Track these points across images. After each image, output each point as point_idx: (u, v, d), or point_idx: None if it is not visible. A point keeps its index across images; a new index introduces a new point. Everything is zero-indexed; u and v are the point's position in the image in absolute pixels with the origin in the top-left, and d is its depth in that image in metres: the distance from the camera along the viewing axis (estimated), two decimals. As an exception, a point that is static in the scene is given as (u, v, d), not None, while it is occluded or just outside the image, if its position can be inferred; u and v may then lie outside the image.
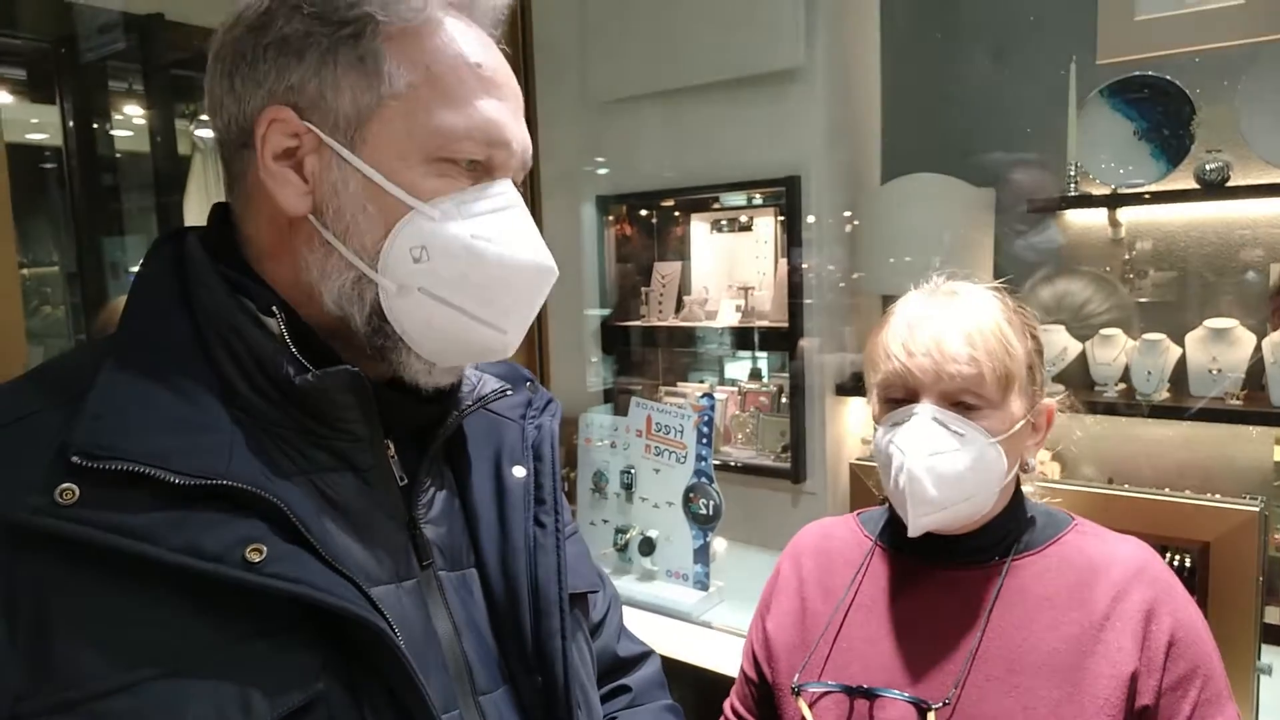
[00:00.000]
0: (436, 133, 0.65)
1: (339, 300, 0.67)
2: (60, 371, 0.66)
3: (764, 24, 2.25)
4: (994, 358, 0.94)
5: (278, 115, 0.65)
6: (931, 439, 0.94)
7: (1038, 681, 0.92)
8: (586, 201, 2.70)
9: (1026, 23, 2.32)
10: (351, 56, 0.64)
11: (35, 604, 0.56)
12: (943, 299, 1.00)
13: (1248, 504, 1.23)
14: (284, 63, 0.65)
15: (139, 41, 2.12)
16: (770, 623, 1.12)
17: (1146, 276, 2.24)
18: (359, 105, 0.65)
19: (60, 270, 2.33)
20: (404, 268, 0.66)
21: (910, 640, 0.99)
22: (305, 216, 0.66)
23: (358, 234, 0.66)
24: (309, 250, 0.67)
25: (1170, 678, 0.90)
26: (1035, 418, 1.00)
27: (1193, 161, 2.03)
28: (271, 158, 0.65)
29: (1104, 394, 2.16)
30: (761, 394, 2.60)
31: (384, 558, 0.69)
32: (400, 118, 0.65)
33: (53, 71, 2.11)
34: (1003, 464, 0.95)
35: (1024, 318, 1.01)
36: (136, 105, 2.27)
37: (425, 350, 0.69)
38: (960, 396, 0.94)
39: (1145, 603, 0.93)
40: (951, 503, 0.95)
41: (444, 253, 0.66)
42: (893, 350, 0.97)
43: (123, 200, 2.33)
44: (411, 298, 0.66)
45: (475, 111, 0.67)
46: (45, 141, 2.19)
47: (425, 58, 0.66)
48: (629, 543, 1.94)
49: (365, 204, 0.65)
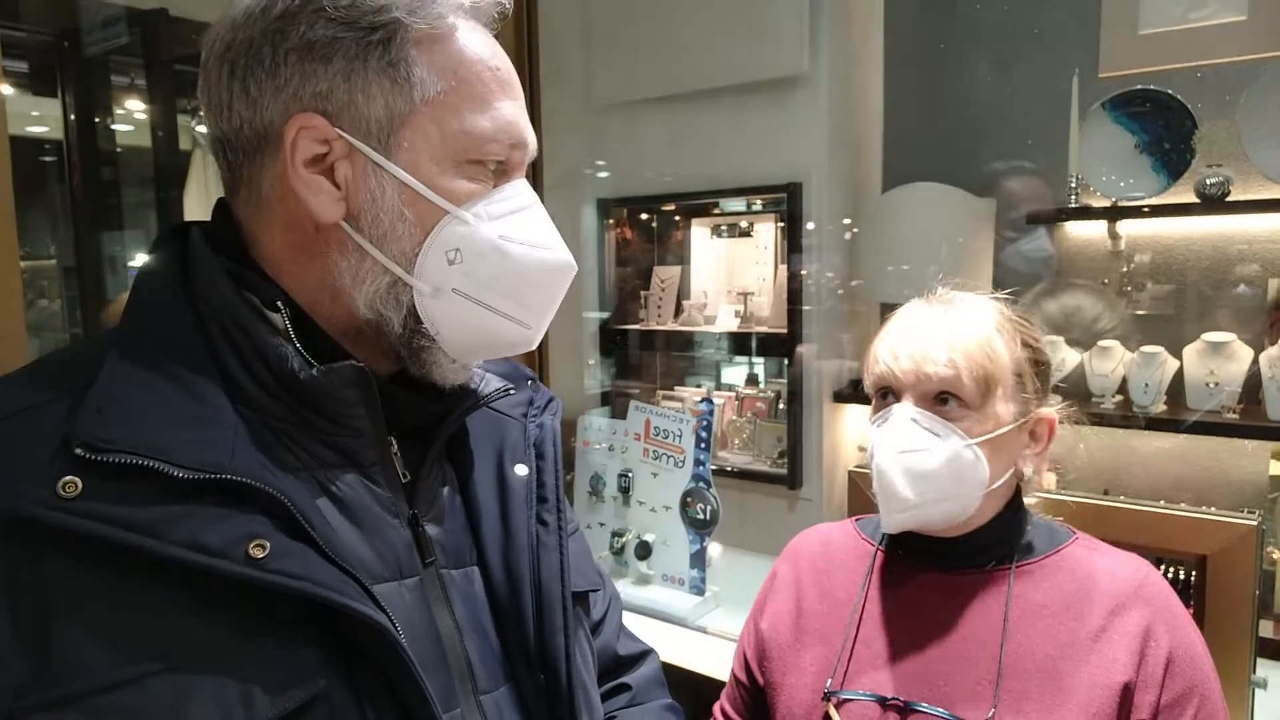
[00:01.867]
0: (466, 136, 0.66)
1: (373, 304, 0.68)
2: (63, 364, 0.66)
3: (768, 31, 2.26)
4: (971, 359, 0.96)
5: (307, 123, 0.64)
6: (905, 437, 0.96)
7: (1029, 686, 0.93)
8: (587, 204, 2.70)
9: (1030, 35, 2.32)
10: (382, 62, 0.64)
11: (37, 598, 0.56)
12: (939, 307, 1.02)
13: (1245, 518, 1.23)
14: (310, 68, 0.64)
15: (142, 36, 2.12)
16: (764, 623, 1.12)
17: (1145, 289, 2.25)
18: (392, 111, 0.65)
19: (57, 264, 2.32)
20: (439, 270, 0.67)
21: (928, 649, 1.00)
22: (337, 223, 0.66)
23: (395, 239, 0.66)
24: (340, 256, 0.67)
25: (1169, 695, 0.91)
26: (1033, 425, 1.01)
27: (1193, 176, 2.04)
28: (303, 165, 0.65)
29: (1101, 405, 2.16)
30: (759, 400, 2.61)
31: (386, 555, 0.69)
32: (433, 123, 0.66)
33: (55, 65, 2.11)
34: (983, 467, 0.96)
35: (1019, 326, 1.02)
36: (138, 100, 2.26)
37: (454, 348, 0.71)
38: (939, 395, 0.97)
39: (1144, 619, 0.93)
40: (927, 501, 0.96)
41: (476, 254, 0.67)
42: (881, 354, 1.01)
43: (122, 195, 2.32)
44: (445, 299, 0.68)
45: (499, 114, 0.68)
46: (46, 135, 2.18)
47: (452, 62, 0.66)
48: (625, 546, 1.93)
49: (403, 210, 0.66)
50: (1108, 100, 2.14)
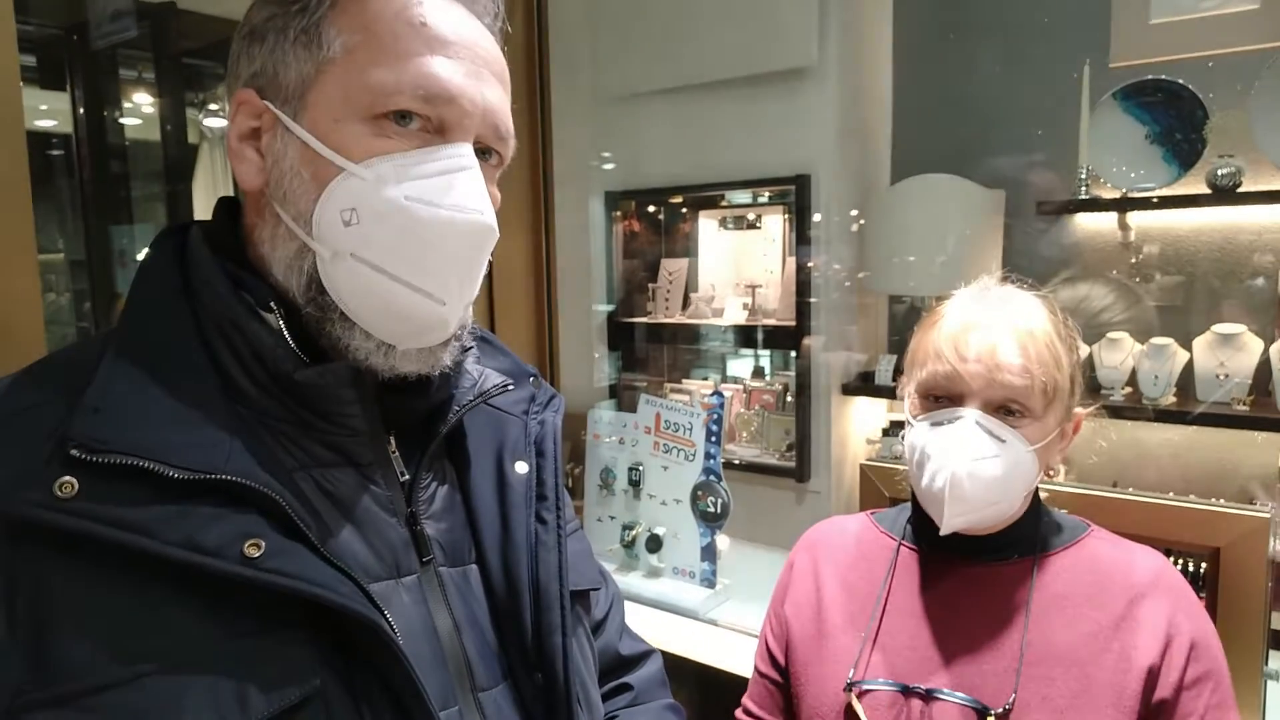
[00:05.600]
0: (368, 89, 0.64)
1: (284, 272, 0.66)
2: (61, 364, 0.65)
3: (776, 22, 2.25)
4: (1045, 369, 0.94)
5: (243, 98, 0.67)
6: (976, 444, 0.94)
7: (1053, 673, 0.94)
8: (595, 197, 2.70)
9: (1040, 25, 2.31)
10: (298, 30, 0.65)
11: (33, 598, 0.56)
12: (995, 303, 0.99)
13: (1258, 510, 1.23)
14: (252, 50, 0.67)
15: (150, 29, 2.12)
16: (788, 612, 1.12)
17: (1154, 280, 2.24)
18: (302, 75, 0.65)
19: (65, 257, 2.32)
20: (335, 231, 0.64)
21: (950, 639, 1.01)
22: (261, 191, 0.67)
23: (294, 199, 0.65)
24: (263, 224, 0.68)
25: (1190, 676, 0.93)
26: (1065, 426, 1.01)
27: (1204, 166, 2.03)
28: (236, 138, 0.67)
29: (1110, 397, 2.16)
30: (767, 392, 2.60)
31: (384, 553, 0.69)
32: (335, 81, 0.65)
33: (64, 58, 2.11)
34: (1035, 471, 0.97)
35: (1070, 330, 1.01)
36: (146, 93, 2.26)
37: (367, 323, 0.66)
38: (1005, 405, 0.95)
39: (1166, 608, 0.96)
40: (986, 505, 0.96)
41: (375, 215, 0.63)
42: (944, 351, 0.96)
43: (131, 188, 2.32)
44: (345, 263, 0.64)
45: (412, 66, 0.64)
46: (55, 129, 2.19)
47: (365, 19, 0.65)
48: (636, 539, 1.94)
49: (300, 169, 0.65)
50: (1118, 90, 2.13)
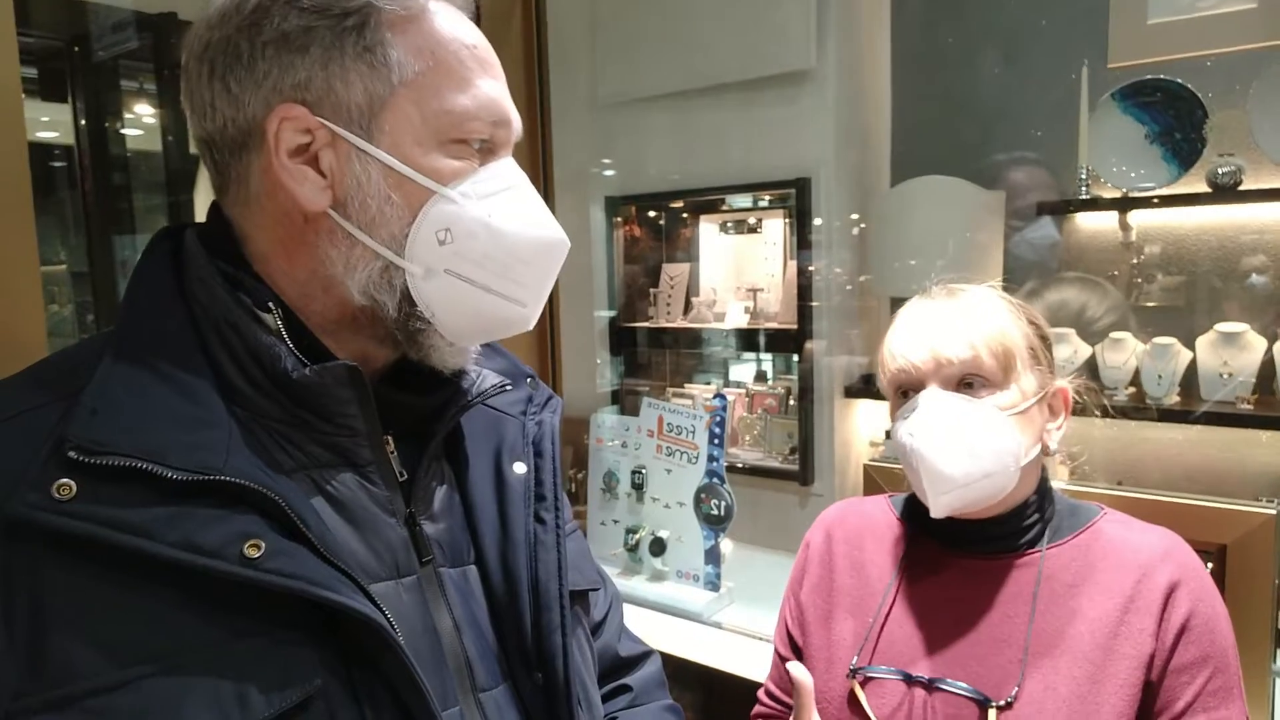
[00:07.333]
0: (448, 116, 0.67)
1: (367, 290, 0.68)
2: (59, 367, 0.66)
3: (775, 26, 2.26)
4: (990, 337, 0.98)
5: (288, 114, 0.65)
6: (938, 416, 0.97)
7: (1061, 663, 0.94)
8: (595, 202, 2.70)
9: (1038, 27, 2.32)
10: (358, 47, 0.65)
11: (32, 600, 0.56)
12: (942, 299, 1.04)
13: (1265, 507, 1.23)
14: (287, 60, 0.65)
15: (152, 40, 2.12)
16: (803, 593, 1.14)
17: (1155, 280, 2.24)
18: (371, 95, 0.65)
19: (67, 269, 2.32)
20: (430, 252, 0.67)
21: (957, 629, 1.01)
22: (325, 211, 0.66)
23: (384, 223, 0.67)
24: (331, 245, 0.67)
25: (1178, 660, 0.92)
26: (1050, 398, 1.03)
27: (1204, 165, 2.03)
28: (287, 155, 0.66)
29: (1114, 397, 2.16)
30: (769, 396, 2.60)
31: (383, 553, 0.69)
32: (412, 104, 0.66)
33: (65, 70, 2.11)
34: (1017, 439, 0.97)
35: (1021, 306, 1.05)
36: (148, 104, 2.27)
37: (450, 330, 0.71)
38: (964, 379, 0.98)
39: (1168, 584, 0.95)
40: (969, 479, 0.96)
41: (467, 234, 0.67)
42: (895, 349, 1.02)
43: (133, 199, 2.33)
44: (438, 280, 0.68)
45: (479, 92, 0.68)
46: (56, 140, 2.19)
47: (428, 43, 0.67)
48: (640, 543, 1.94)
49: (389, 193, 0.66)
50: (1117, 91, 2.13)
